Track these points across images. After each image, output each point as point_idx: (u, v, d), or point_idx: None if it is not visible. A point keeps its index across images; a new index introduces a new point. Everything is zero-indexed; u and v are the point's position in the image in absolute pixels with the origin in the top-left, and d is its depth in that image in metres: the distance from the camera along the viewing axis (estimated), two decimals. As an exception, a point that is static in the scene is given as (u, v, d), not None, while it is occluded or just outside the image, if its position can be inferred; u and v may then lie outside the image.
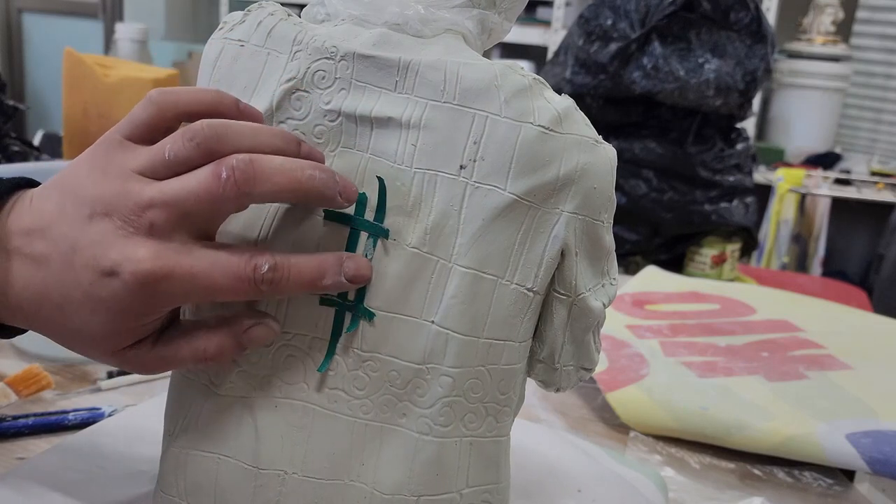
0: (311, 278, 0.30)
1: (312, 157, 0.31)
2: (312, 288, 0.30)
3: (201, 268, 0.29)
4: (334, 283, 0.30)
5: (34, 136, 1.91)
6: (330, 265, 0.30)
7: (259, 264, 0.29)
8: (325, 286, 0.30)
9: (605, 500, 0.44)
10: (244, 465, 0.32)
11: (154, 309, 0.30)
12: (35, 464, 0.43)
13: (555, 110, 0.31)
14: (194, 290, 0.29)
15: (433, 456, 0.32)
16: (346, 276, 0.30)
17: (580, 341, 0.34)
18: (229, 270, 0.29)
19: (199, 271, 0.29)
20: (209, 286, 0.29)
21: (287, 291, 0.30)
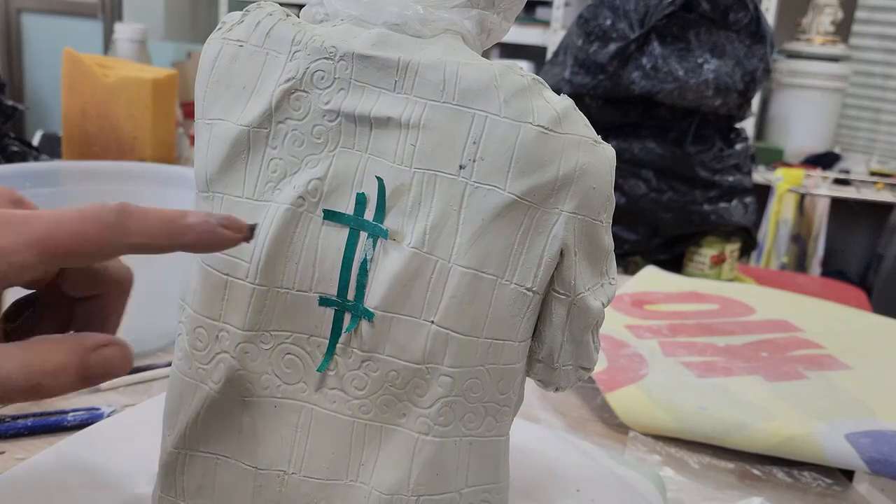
0: (168, 216, 0.26)
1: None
2: (173, 226, 0.26)
3: (46, 212, 0.25)
4: (200, 221, 0.27)
5: (33, 136, 1.91)
6: (195, 211, 0.27)
7: (105, 204, 0.26)
8: (189, 223, 0.27)
9: (603, 499, 0.44)
10: (244, 466, 0.32)
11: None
12: (33, 465, 0.43)
13: (554, 110, 0.31)
14: (26, 234, 0.24)
15: (433, 456, 0.32)
16: (215, 220, 0.27)
17: (579, 341, 0.34)
18: (74, 208, 0.25)
19: (42, 214, 0.25)
20: (50, 225, 0.25)
21: (144, 227, 0.26)
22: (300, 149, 0.32)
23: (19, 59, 2.88)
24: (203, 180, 0.33)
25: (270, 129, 0.32)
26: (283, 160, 0.32)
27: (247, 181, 0.32)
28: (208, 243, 0.27)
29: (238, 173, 0.32)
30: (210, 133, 0.33)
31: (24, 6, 2.85)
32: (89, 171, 0.80)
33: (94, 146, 1.06)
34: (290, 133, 0.32)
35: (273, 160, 0.32)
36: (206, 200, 0.33)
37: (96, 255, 0.26)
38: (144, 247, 0.26)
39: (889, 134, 2.53)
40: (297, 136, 0.32)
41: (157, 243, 0.26)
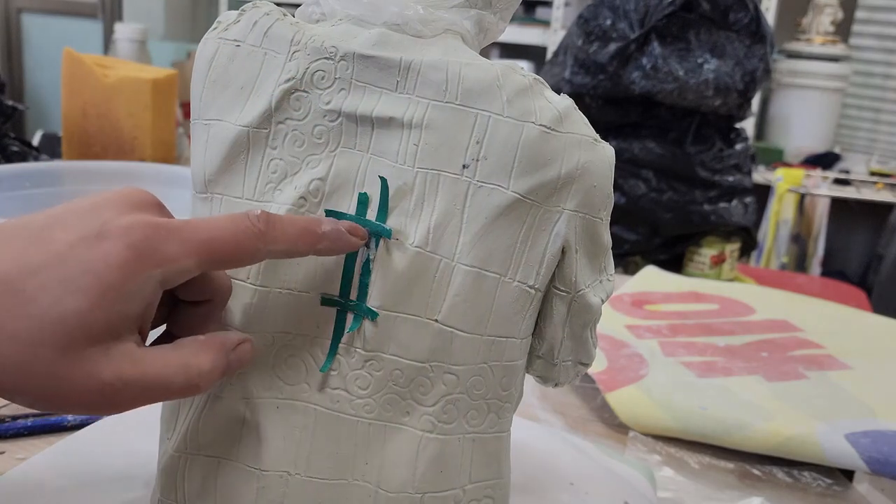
0: (308, 222, 0.29)
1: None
2: (310, 234, 0.29)
3: (199, 220, 0.28)
4: (333, 228, 0.30)
5: (33, 136, 1.91)
6: (325, 218, 0.30)
7: (250, 211, 0.28)
8: (324, 231, 0.29)
9: (597, 492, 0.45)
10: (246, 468, 0.32)
11: (146, 271, 0.26)
12: (29, 468, 0.43)
13: (555, 110, 0.31)
14: (191, 242, 0.26)
15: (437, 453, 0.32)
16: (344, 227, 0.30)
17: (579, 337, 0.34)
18: (226, 216, 0.28)
19: (197, 223, 0.27)
20: (208, 233, 0.27)
21: (285, 234, 0.28)
22: (301, 149, 0.32)
23: (19, 59, 2.88)
24: (201, 181, 0.33)
25: (270, 130, 0.32)
26: (283, 160, 0.32)
27: (246, 182, 0.32)
28: (338, 249, 0.30)
29: (238, 174, 0.32)
30: (208, 133, 0.33)
31: (24, 6, 2.85)
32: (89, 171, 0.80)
33: (94, 146, 1.06)
34: (290, 133, 0.32)
35: (273, 160, 0.32)
36: (204, 202, 0.33)
37: (246, 261, 0.28)
38: (286, 253, 0.29)
39: (889, 134, 2.53)
40: (297, 137, 0.32)
41: (297, 249, 0.29)
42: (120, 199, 0.27)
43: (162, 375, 0.26)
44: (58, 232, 0.26)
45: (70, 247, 0.25)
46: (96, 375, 0.25)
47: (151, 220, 0.26)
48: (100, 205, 0.27)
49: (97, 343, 0.25)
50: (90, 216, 0.26)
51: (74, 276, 0.25)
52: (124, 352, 0.26)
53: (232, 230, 0.27)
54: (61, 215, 0.27)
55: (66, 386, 0.25)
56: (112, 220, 0.26)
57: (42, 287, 0.24)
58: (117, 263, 0.25)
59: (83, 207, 0.27)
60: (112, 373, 0.25)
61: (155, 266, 0.26)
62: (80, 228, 0.26)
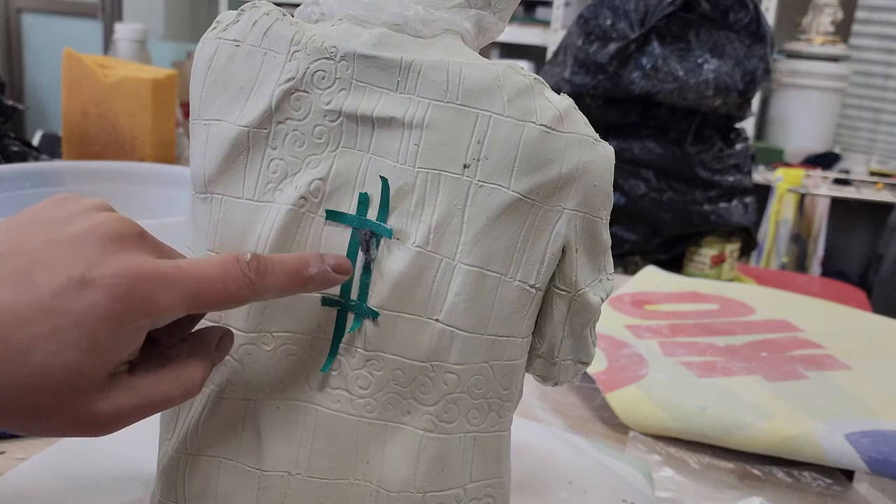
0: (296, 267, 0.29)
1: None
2: (299, 279, 0.29)
3: (188, 264, 0.27)
4: (319, 271, 0.30)
5: (33, 136, 1.91)
6: (312, 257, 0.30)
7: (240, 256, 0.28)
8: (312, 275, 0.30)
9: (595, 490, 0.45)
10: (247, 468, 0.32)
11: (135, 322, 0.26)
12: (29, 468, 0.43)
13: (556, 110, 0.31)
14: (181, 292, 0.26)
15: (438, 452, 0.32)
16: (329, 265, 0.30)
17: (579, 336, 0.34)
18: (215, 262, 0.27)
19: (186, 266, 0.27)
20: (198, 283, 0.27)
21: (277, 280, 0.29)
22: (301, 149, 0.32)
23: (19, 59, 2.88)
24: (201, 181, 0.33)
25: (270, 130, 0.32)
26: (283, 160, 0.32)
27: (247, 182, 0.32)
28: (324, 287, 0.31)
29: (238, 174, 0.32)
30: (208, 133, 0.33)
31: (24, 6, 2.85)
32: (89, 171, 0.80)
33: (94, 146, 1.06)
34: (290, 133, 0.32)
35: (273, 161, 0.32)
36: (204, 202, 0.33)
37: (233, 307, 0.29)
38: (273, 297, 0.29)
39: (889, 134, 2.53)
40: (297, 137, 0.32)
41: (284, 294, 0.30)
42: (101, 233, 0.26)
43: (160, 395, 0.27)
44: (39, 275, 0.25)
45: (55, 296, 0.24)
46: (96, 412, 0.26)
47: (137, 267, 0.26)
48: (79, 242, 0.26)
49: (92, 388, 0.26)
50: (71, 256, 0.25)
51: (63, 330, 0.24)
52: (118, 385, 0.26)
53: (222, 279, 0.27)
54: (38, 251, 0.26)
55: (66, 423, 0.26)
56: (96, 264, 0.25)
57: (31, 340, 0.24)
58: (105, 317, 0.25)
59: (61, 241, 0.26)
60: (112, 407, 0.26)
61: (144, 317, 0.26)
62: (62, 272, 0.25)
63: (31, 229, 0.27)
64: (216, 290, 0.27)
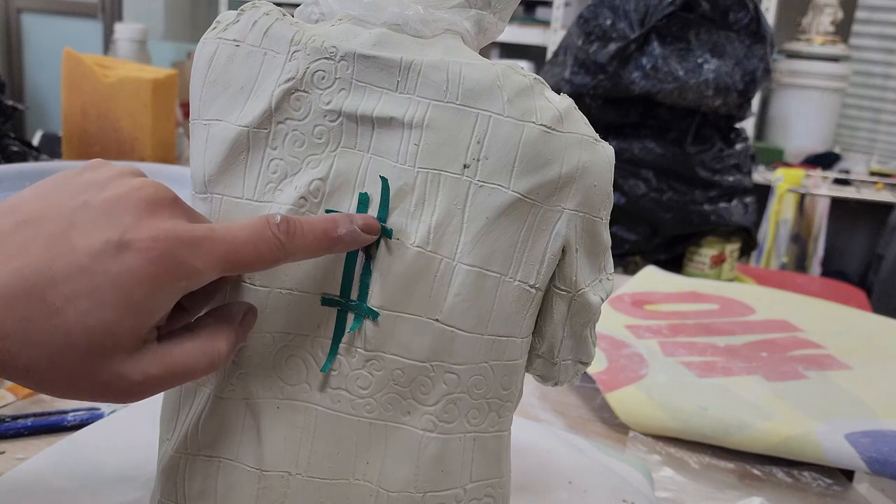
0: (325, 228, 0.30)
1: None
2: (327, 239, 0.30)
3: (220, 227, 0.28)
4: (349, 231, 0.30)
5: (33, 136, 1.91)
6: (340, 217, 0.30)
7: (271, 217, 0.29)
8: (341, 235, 0.30)
9: (595, 490, 0.45)
10: (247, 468, 0.32)
11: (171, 284, 0.26)
12: (29, 468, 0.43)
13: (556, 110, 0.31)
14: (215, 254, 0.27)
15: (438, 452, 0.32)
16: (358, 225, 0.30)
17: (579, 336, 0.34)
18: (247, 225, 0.28)
19: (219, 230, 0.27)
20: (231, 245, 0.27)
21: (306, 242, 0.29)
22: (301, 149, 0.32)
23: (19, 59, 2.87)
24: (201, 181, 0.33)
25: (270, 130, 0.32)
26: (283, 160, 0.32)
27: (246, 182, 0.32)
28: (352, 247, 0.31)
29: (237, 174, 0.32)
30: (207, 133, 0.33)
31: (24, 6, 2.84)
32: (89, 171, 0.80)
33: (94, 146, 1.06)
34: (290, 133, 0.32)
35: (273, 161, 0.32)
36: (204, 202, 0.33)
37: (265, 268, 0.29)
38: (304, 258, 0.30)
39: (889, 134, 2.53)
40: (297, 137, 0.32)
41: (313, 255, 0.30)
42: (137, 199, 0.27)
43: (186, 365, 0.28)
44: (77, 237, 0.26)
45: (92, 257, 0.25)
46: (125, 377, 0.26)
47: (173, 231, 0.26)
48: (116, 206, 0.27)
49: (124, 351, 0.26)
50: (108, 220, 0.26)
51: (100, 290, 0.25)
52: (149, 352, 0.27)
53: (253, 241, 0.28)
54: (73, 214, 0.26)
55: (94, 387, 0.26)
56: (132, 227, 0.26)
57: (67, 299, 0.25)
58: (143, 279, 0.25)
59: (97, 206, 0.27)
60: (139, 373, 0.27)
61: (179, 279, 0.26)
62: (100, 235, 0.26)
63: (64, 193, 0.27)
64: (248, 252, 0.28)
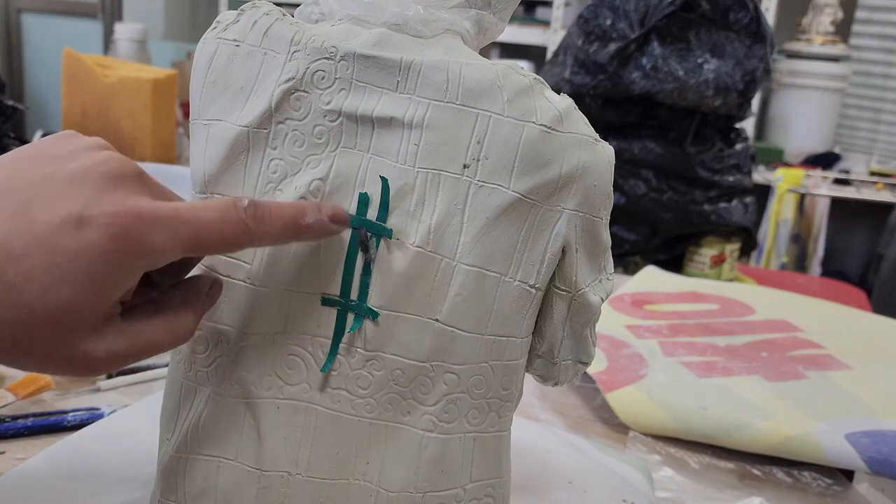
0: (293, 215, 0.29)
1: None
2: (295, 227, 0.29)
3: (186, 207, 0.27)
4: (317, 220, 0.29)
5: (33, 136, 1.91)
6: (309, 206, 0.30)
7: (238, 201, 0.28)
8: (309, 224, 0.29)
9: (595, 490, 0.45)
10: (247, 468, 0.32)
11: (131, 262, 0.26)
12: (29, 468, 0.43)
13: (556, 110, 0.31)
14: (178, 234, 0.26)
15: (438, 452, 0.32)
16: (326, 214, 0.30)
17: (579, 336, 0.34)
18: (213, 206, 0.27)
19: (184, 209, 0.27)
20: (195, 226, 0.27)
21: (273, 228, 0.28)
22: (301, 149, 0.32)
23: (19, 59, 2.87)
24: (201, 181, 0.33)
25: (270, 130, 0.32)
26: (283, 160, 0.32)
27: (247, 182, 0.32)
28: (320, 237, 0.30)
29: (238, 174, 0.32)
30: (207, 133, 0.33)
31: (24, 6, 2.84)
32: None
33: (94, 146, 1.05)
34: (290, 133, 0.32)
35: (273, 161, 0.32)
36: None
37: (230, 252, 0.29)
38: (270, 244, 0.30)
39: (889, 134, 2.53)
40: (297, 137, 0.32)
41: (280, 242, 0.30)
42: (100, 171, 0.26)
43: (150, 341, 0.28)
44: (37, 210, 0.25)
45: (52, 232, 0.25)
46: (90, 354, 0.26)
47: (135, 207, 0.26)
48: (79, 179, 0.26)
49: (85, 327, 0.26)
50: (69, 193, 0.25)
51: (58, 266, 0.24)
52: (111, 328, 0.27)
53: (219, 223, 0.27)
54: (36, 186, 0.26)
55: (60, 362, 0.26)
56: (94, 202, 0.25)
57: (27, 276, 0.24)
58: (102, 254, 0.25)
59: (60, 179, 0.26)
60: (104, 350, 0.26)
61: (140, 257, 0.26)
62: (60, 209, 0.25)
63: (30, 164, 0.27)
64: (213, 234, 0.27)
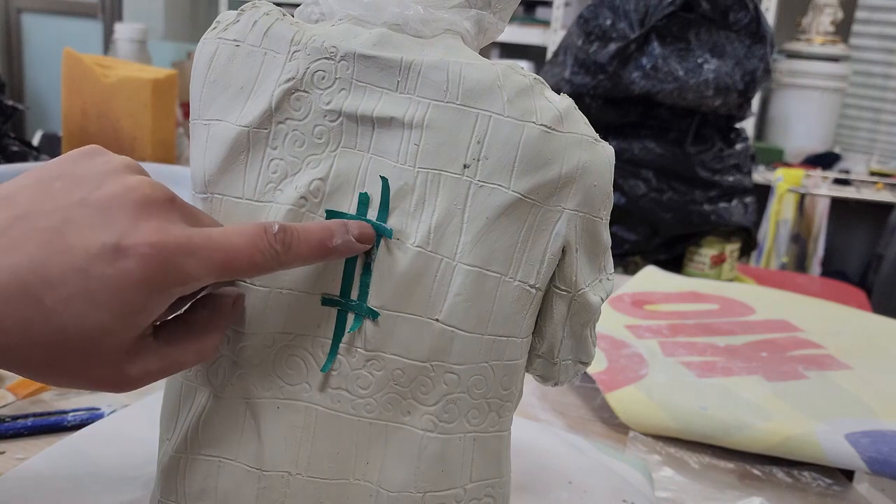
0: (321, 238, 0.30)
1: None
2: (323, 248, 0.30)
3: (217, 234, 0.28)
4: (344, 241, 0.30)
5: (33, 136, 1.91)
6: (336, 226, 0.30)
7: (268, 226, 0.29)
8: (336, 245, 0.30)
9: (595, 490, 0.45)
10: (247, 468, 0.32)
11: (166, 289, 0.26)
12: (29, 468, 0.43)
13: (556, 110, 0.31)
14: (211, 261, 0.27)
15: (438, 452, 0.32)
16: (353, 234, 0.30)
17: (579, 336, 0.34)
18: (245, 232, 0.28)
19: (215, 239, 0.27)
20: (227, 253, 0.27)
21: (301, 252, 0.29)
22: (301, 149, 0.32)
23: (19, 59, 2.87)
24: (201, 181, 0.33)
25: (270, 130, 0.32)
26: (283, 160, 0.32)
27: (247, 182, 0.32)
28: (346, 255, 0.31)
29: (238, 174, 0.32)
30: (208, 133, 0.33)
31: (24, 6, 2.84)
32: (89, 171, 0.80)
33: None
34: (290, 133, 0.32)
35: (273, 160, 0.32)
36: (204, 202, 0.33)
37: (258, 275, 0.30)
38: (298, 266, 0.30)
39: (889, 134, 2.53)
40: (297, 137, 0.32)
41: (308, 263, 0.30)
42: (133, 199, 0.27)
43: (181, 359, 0.29)
44: (72, 237, 0.25)
45: (88, 261, 0.25)
46: (125, 374, 0.27)
47: (170, 237, 0.26)
48: (112, 206, 0.26)
49: (122, 350, 0.27)
50: (103, 220, 0.26)
51: (95, 293, 0.25)
52: (146, 349, 0.28)
53: (249, 250, 0.28)
54: (68, 211, 0.26)
55: (94, 382, 0.27)
56: (129, 231, 0.26)
57: (63, 302, 0.25)
58: (138, 284, 0.26)
59: (93, 204, 0.26)
60: (138, 370, 0.28)
61: (175, 285, 0.27)
62: (96, 237, 0.26)
63: (59, 186, 0.27)
64: (243, 261, 0.28)
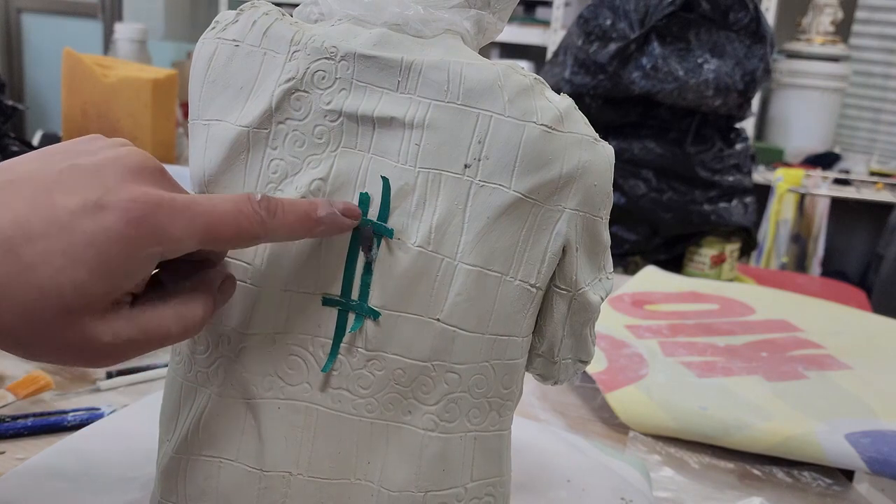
0: (305, 210, 0.30)
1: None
2: (308, 220, 0.30)
3: (202, 199, 0.28)
4: (328, 213, 0.30)
5: (33, 136, 1.91)
6: (321, 201, 0.30)
7: (252, 195, 0.29)
8: (321, 217, 0.30)
9: (593, 489, 0.45)
10: (247, 468, 0.32)
11: (147, 248, 0.26)
12: (29, 468, 0.43)
13: (556, 109, 0.31)
14: (194, 223, 0.27)
15: (439, 452, 0.32)
16: (338, 208, 0.30)
17: (579, 335, 0.34)
18: (228, 199, 0.28)
19: (200, 202, 0.27)
20: (211, 215, 0.27)
21: (287, 220, 0.29)
22: (301, 149, 0.32)
23: (19, 59, 2.87)
24: (201, 181, 0.33)
25: (270, 130, 0.32)
26: (283, 161, 0.32)
27: (247, 182, 0.32)
28: (332, 232, 0.31)
29: (237, 174, 0.32)
30: (207, 133, 0.33)
31: (24, 6, 2.84)
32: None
33: (94, 146, 1.05)
34: (290, 133, 0.32)
35: (273, 161, 0.32)
36: (204, 202, 0.33)
37: (244, 245, 0.30)
38: (284, 239, 0.30)
39: (889, 134, 2.53)
40: (297, 137, 0.32)
41: (294, 236, 0.30)
42: (123, 163, 0.27)
43: (158, 329, 0.28)
44: (58, 195, 0.26)
45: (71, 215, 0.25)
46: (96, 339, 0.26)
47: (154, 195, 0.26)
48: (102, 168, 0.27)
49: (95, 311, 0.26)
50: (92, 180, 0.26)
51: (75, 248, 0.25)
52: (120, 314, 0.27)
53: (234, 215, 0.28)
54: (60, 175, 0.26)
55: (65, 347, 0.26)
56: (114, 189, 0.26)
57: (42, 256, 0.25)
58: (118, 239, 0.25)
59: (85, 167, 0.27)
60: (110, 336, 0.26)
61: (155, 244, 0.26)
62: (81, 194, 0.26)
63: (58, 157, 0.28)
64: (228, 226, 0.28)
